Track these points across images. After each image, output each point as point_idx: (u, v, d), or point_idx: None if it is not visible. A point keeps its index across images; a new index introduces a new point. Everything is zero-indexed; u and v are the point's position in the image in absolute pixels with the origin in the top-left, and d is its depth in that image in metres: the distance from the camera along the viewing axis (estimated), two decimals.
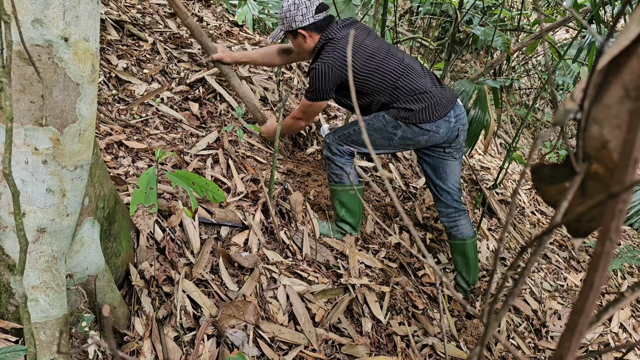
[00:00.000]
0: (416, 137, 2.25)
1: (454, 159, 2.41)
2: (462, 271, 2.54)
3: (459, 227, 2.49)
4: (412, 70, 2.24)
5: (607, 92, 0.38)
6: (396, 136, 2.26)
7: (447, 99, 2.25)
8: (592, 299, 0.35)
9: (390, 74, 2.21)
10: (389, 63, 2.22)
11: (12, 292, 1.29)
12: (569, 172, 0.43)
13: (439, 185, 2.45)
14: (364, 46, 2.22)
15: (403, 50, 2.39)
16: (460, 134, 2.34)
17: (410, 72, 2.24)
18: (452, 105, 2.26)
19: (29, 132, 1.12)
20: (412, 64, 2.27)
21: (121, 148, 2.17)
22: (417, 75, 2.25)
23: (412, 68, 2.25)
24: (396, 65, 2.22)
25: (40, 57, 1.07)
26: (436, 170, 2.43)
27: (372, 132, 2.30)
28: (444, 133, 2.26)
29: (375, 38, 2.32)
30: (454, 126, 2.28)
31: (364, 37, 2.26)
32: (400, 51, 2.32)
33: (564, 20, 3.23)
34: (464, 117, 2.34)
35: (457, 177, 2.46)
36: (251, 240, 2.08)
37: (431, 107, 2.21)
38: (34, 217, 1.20)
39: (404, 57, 2.29)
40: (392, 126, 2.25)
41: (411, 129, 2.23)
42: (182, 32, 3.19)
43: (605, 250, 0.33)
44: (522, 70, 6.43)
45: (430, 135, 2.24)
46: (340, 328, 1.95)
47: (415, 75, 2.24)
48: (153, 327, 1.57)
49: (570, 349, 0.36)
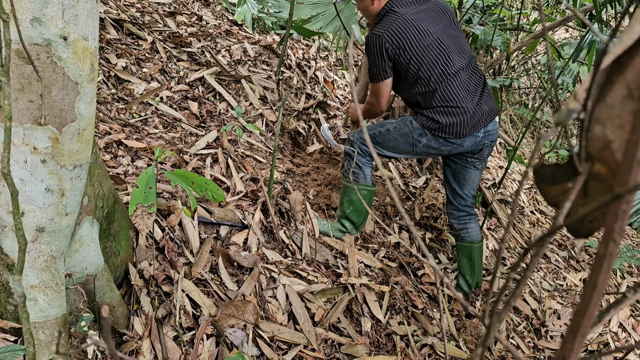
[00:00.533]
0: (440, 147, 2.22)
1: (475, 169, 2.36)
2: (466, 274, 2.53)
3: (468, 230, 2.48)
4: (458, 77, 2.11)
5: (610, 91, 0.38)
6: (420, 143, 2.23)
7: (480, 116, 2.15)
8: (595, 300, 0.34)
9: (434, 67, 2.08)
10: (439, 56, 2.08)
11: (11, 291, 1.28)
12: (571, 172, 0.42)
13: (455, 189, 2.43)
14: (424, 30, 2.07)
15: (472, 52, 2.21)
16: (485, 149, 2.28)
17: (455, 79, 2.11)
18: (485, 123, 2.17)
19: (28, 131, 1.12)
20: (462, 70, 2.13)
21: (120, 147, 2.17)
22: (460, 84, 2.12)
23: (459, 75, 2.12)
24: (445, 63, 2.09)
25: (39, 56, 1.06)
26: (455, 175, 2.40)
27: (397, 136, 2.27)
28: (468, 146, 2.21)
29: (446, 24, 2.15)
30: (480, 141, 2.22)
31: (431, 20, 2.10)
32: (463, 51, 2.17)
33: (564, 19, 3.22)
34: (494, 134, 2.25)
35: (474, 185, 2.43)
36: (250, 239, 2.07)
37: (461, 123, 2.12)
38: (32, 216, 1.19)
39: (462, 58, 2.14)
40: (418, 133, 2.21)
41: (436, 139, 2.18)
42: (181, 31, 3.18)
43: (608, 251, 0.33)
44: (521, 70, 6.43)
45: (453, 147, 2.21)
46: (339, 327, 1.95)
47: (457, 84, 2.11)
48: (152, 326, 1.56)
49: (573, 350, 0.36)
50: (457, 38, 2.17)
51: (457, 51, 2.14)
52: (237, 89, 3.00)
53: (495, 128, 2.25)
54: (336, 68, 4.11)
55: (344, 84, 3.93)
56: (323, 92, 3.58)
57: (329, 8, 3.08)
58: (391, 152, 2.34)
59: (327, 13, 3.09)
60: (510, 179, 4.27)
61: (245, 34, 3.61)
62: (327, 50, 4.26)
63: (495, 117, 2.23)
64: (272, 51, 3.59)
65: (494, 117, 2.21)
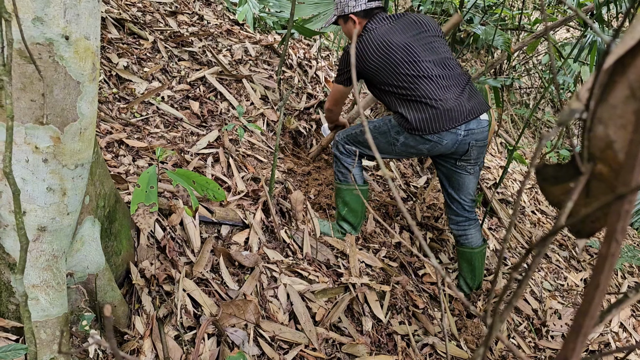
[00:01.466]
0: (417, 145, 2.19)
1: (467, 173, 2.32)
2: (467, 277, 2.52)
3: (467, 236, 2.45)
4: (427, 76, 2.12)
5: (612, 92, 0.38)
6: (398, 142, 2.22)
7: (459, 112, 2.12)
8: (597, 300, 0.34)
9: (399, 72, 2.12)
10: (404, 61, 2.12)
11: (13, 290, 1.28)
12: (574, 172, 0.42)
13: (451, 194, 2.40)
14: (388, 39, 2.15)
15: (448, 53, 2.25)
16: (471, 149, 2.22)
17: (423, 78, 2.12)
18: (465, 120, 2.12)
19: (30, 130, 1.12)
20: (434, 68, 2.14)
21: (122, 147, 2.17)
22: (430, 81, 2.12)
23: (430, 73, 2.13)
24: (411, 66, 2.12)
25: (41, 56, 1.06)
26: (449, 179, 2.37)
27: (377, 134, 2.27)
28: (448, 145, 2.16)
29: (417, 32, 2.20)
30: (462, 139, 2.16)
31: (399, 31, 2.16)
32: (435, 52, 2.19)
33: (565, 19, 3.22)
34: (480, 133, 2.19)
35: (471, 190, 2.38)
36: (252, 239, 2.08)
37: (432, 118, 2.10)
38: (34, 215, 1.19)
39: (433, 59, 2.16)
40: (395, 131, 2.21)
41: (413, 136, 2.16)
42: (183, 30, 3.18)
43: (610, 251, 0.33)
44: (522, 70, 6.43)
45: (432, 144, 2.16)
46: (340, 327, 1.95)
47: (427, 82, 2.12)
48: (153, 326, 1.57)
49: (575, 350, 0.36)
50: (429, 43, 2.20)
51: (427, 53, 2.16)
52: (238, 89, 3.00)
53: (480, 127, 2.18)
54: (337, 68, 4.11)
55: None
56: (324, 92, 3.58)
57: (330, 8, 3.09)
58: (372, 152, 2.33)
59: (328, 13, 3.09)
60: (511, 179, 4.27)
61: (246, 34, 3.61)
62: (328, 50, 4.26)
63: (480, 116, 2.17)
64: (274, 51, 3.59)
65: (477, 115, 2.15)
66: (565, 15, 4.24)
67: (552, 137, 0.58)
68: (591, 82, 0.38)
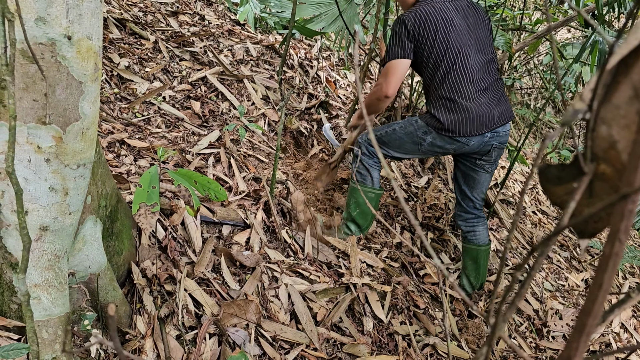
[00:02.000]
0: (445, 145, 2.19)
1: (485, 172, 2.34)
2: (470, 275, 2.52)
3: (475, 232, 2.46)
4: (469, 73, 2.09)
5: (616, 92, 0.38)
6: (425, 142, 2.21)
7: (489, 118, 2.11)
8: (600, 300, 0.34)
9: (445, 60, 2.07)
10: (457, 48, 2.07)
11: (15, 290, 1.29)
12: (577, 172, 0.42)
13: (464, 192, 2.41)
14: (448, 18, 2.08)
15: (494, 55, 2.20)
16: (493, 150, 2.24)
17: (466, 72, 2.09)
18: (494, 125, 2.13)
19: (32, 130, 1.12)
20: (476, 68, 2.11)
21: (123, 146, 2.17)
22: (471, 80, 2.10)
23: (472, 71, 2.09)
24: (460, 57, 2.08)
25: (43, 56, 1.06)
26: (466, 177, 2.38)
27: (403, 135, 2.26)
28: (474, 146, 2.18)
29: (473, 22, 2.15)
30: (487, 141, 2.18)
31: (458, 14, 2.11)
32: (483, 52, 2.15)
33: (566, 19, 3.22)
34: (503, 136, 2.22)
35: (484, 188, 2.41)
36: (253, 239, 2.08)
37: (463, 121, 2.10)
38: (36, 215, 1.20)
39: (480, 57, 2.13)
40: (423, 132, 2.20)
41: (441, 137, 2.16)
42: (184, 30, 3.19)
43: (614, 251, 0.33)
44: (523, 70, 6.42)
45: (459, 145, 2.18)
46: (341, 327, 1.95)
47: (468, 79, 2.09)
48: (155, 325, 1.57)
49: (578, 349, 0.36)
50: (481, 38, 2.16)
51: (477, 49, 2.13)
52: (239, 89, 3.01)
53: (505, 130, 2.22)
54: (338, 68, 4.11)
55: (346, 83, 3.93)
56: (325, 92, 3.59)
57: (332, 8, 3.09)
58: (397, 152, 2.33)
59: (329, 13, 3.10)
60: (512, 180, 4.27)
61: (247, 34, 3.61)
62: (329, 50, 4.26)
63: (508, 122, 2.20)
64: (275, 51, 3.59)
65: (506, 122, 2.18)
66: (567, 15, 4.24)
67: (554, 138, 0.58)
68: (594, 82, 0.38)
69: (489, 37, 2.22)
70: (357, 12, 3.13)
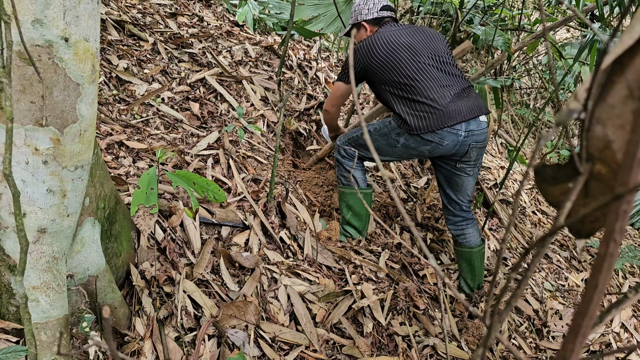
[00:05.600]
0: (419, 146, 2.19)
1: (467, 175, 2.33)
2: (467, 277, 2.52)
3: (465, 235, 2.45)
4: (427, 75, 2.15)
5: (611, 91, 0.38)
6: (399, 144, 2.22)
7: (458, 112, 2.13)
8: (595, 300, 0.34)
9: (402, 71, 2.15)
10: (407, 60, 2.16)
11: (13, 292, 1.28)
12: (572, 172, 0.42)
13: (449, 195, 2.41)
14: (394, 39, 2.20)
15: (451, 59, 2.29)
16: (471, 151, 2.23)
17: (424, 76, 2.14)
18: (464, 119, 2.13)
19: (30, 132, 1.12)
20: (435, 70, 2.17)
21: (122, 148, 2.17)
22: (430, 79, 2.15)
23: (430, 73, 2.15)
24: (411, 65, 2.15)
25: (40, 58, 1.06)
26: (448, 181, 2.38)
27: (378, 137, 2.27)
28: (449, 145, 2.17)
29: (422, 37, 2.25)
30: (463, 140, 2.17)
31: (405, 34, 2.22)
32: (436, 54, 2.23)
33: (565, 19, 3.22)
34: (480, 135, 2.21)
35: (469, 191, 2.40)
36: (252, 240, 2.07)
37: (429, 117, 2.12)
38: (34, 217, 1.19)
39: (434, 62, 2.20)
40: (396, 133, 2.21)
41: (413, 137, 2.17)
42: (183, 32, 3.19)
43: (609, 251, 0.33)
44: (522, 70, 6.43)
45: (433, 145, 2.17)
46: (341, 328, 1.95)
47: (427, 81, 2.14)
48: (154, 327, 1.57)
49: (574, 350, 0.36)
50: (433, 47, 2.25)
51: (430, 56, 2.21)
52: (238, 90, 3.01)
53: (480, 128, 2.20)
54: (337, 69, 4.11)
55: None
56: (324, 93, 3.58)
57: (330, 9, 3.09)
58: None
59: (328, 14, 3.10)
60: (512, 179, 4.27)
61: (246, 35, 3.61)
62: (328, 51, 4.26)
63: (479, 117, 2.18)
64: (273, 52, 3.59)
65: (475, 115, 2.16)
66: (565, 15, 4.24)
67: (550, 138, 0.58)
68: (589, 82, 0.38)
69: (444, 44, 2.31)
70: None
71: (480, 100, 2.24)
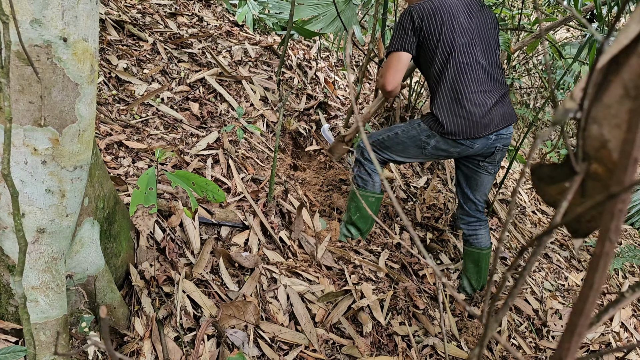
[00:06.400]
0: (449, 148, 2.17)
1: (488, 174, 2.32)
2: (472, 278, 2.51)
3: (477, 236, 2.45)
4: (474, 72, 2.06)
5: (607, 91, 0.38)
6: (429, 145, 2.19)
7: (492, 120, 2.09)
8: (592, 299, 0.34)
9: (452, 58, 2.05)
10: (462, 47, 2.05)
11: (12, 292, 1.28)
12: (569, 172, 0.42)
13: (466, 194, 2.40)
14: (455, 14, 2.05)
15: (498, 56, 2.17)
16: (497, 153, 2.22)
17: (471, 71, 2.06)
18: (497, 128, 2.11)
19: (28, 132, 1.12)
20: (481, 68, 2.08)
21: (121, 148, 2.17)
22: (475, 79, 2.07)
23: (477, 71, 2.07)
24: (466, 54, 2.05)
25: (39, 58, 1.06)
26: (468, 179, 2.37)
27: (405, 139, 2.24)
28: (479, 148, 2.16)
29: (481, 22, 2.13)
30: (492, 143, 2.16)
31: (466, 11, 2.09)
32: (488, 53, 2.13)
33: (564, 19, 3.22)
34: (507, 138, 2.20)
35: (486, 190, 2.39)
36: (251, 240, 2.08)
37: (467, 124, 2.07)
38: (33, 217, 1.19)
39: (485, 58, 2.10)
40: (426, 135, 2.17)
41: (445, 140, 2.14)
42: (182, 32, 3.19)
43: (605, 250, 0.33)
44: (522, 70, 6.42)
45: (463, 148, 2.16)
46: (340, 328, 1.95)
47: (472, 78, 2.06)
48: (153, 327, 1.57)
49: (570, 350, 0.36)
50: (487, 38, 2.13)
51: (482, 50, 2.10)
52: (237, 90, 3.01)
53: (508, 132, 2.20)
54: (337, 69, 4.11)
55: (345, 84, 3.93)
56: (324, 93, 3.58)
57: (330, 9, 3.09)
58: (400, 157, 2.31)
59: (327, 14, 3.10)
60: (512, 179, 4.27)
61: (246, 35, 3.61)
62: (327, 51, 4.26)
63: (511, 124, 2.18)
64: (273, 52, 3.59)
65: (507, 124, 2.16)
66: (565, 15, 4.24)
67: (547, 137, 0.58)
68: (585, 81, 0.38)
69: (495, 38, 2.19)
70: (356, 12, 3.13)
71: (512, 107, 2.21)
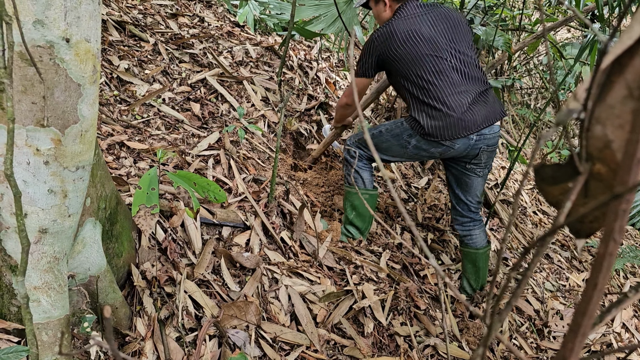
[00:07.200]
0: (430, 148, 2.18)
1: (476, 176, 2.32)
2: (470, 278, 2.52)
3: (472, 236, 2.45)
4: (445, 78, 2.07)
5: (610, 91, 0.38)
6: (410, 145, 2.20)
7: (474, 122, 2.09)
8: (595, 300, 0.34)
9: (421, 66, 2.07)
10: (428, 55, 2.07)
11: (14, 292, 1.29)
12: (572, 172, 0.42)
13: (458, 196, 2.40)
14: (417, 28, 2.09)
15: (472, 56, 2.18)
16: (482, 154, 2.21)
17: (443, 78, 2.07)
18: (479, 128, 2.10)
19: (31, 132, 1.12)
20: (455, 71, 2.09)
21: (123, 149, 2.18)
22: (449, 83, 2.08)
23: (450, 76, 2.08)
24: (431, 63, 2.07)
25: (41, 58, 1.07)
26: (458, 181, 2.37)
27: (389, 137, 2.26)
28: (460, 149, 2.16)
29: (446, 28, 2.14)
30: (474, 144, 2.15)
31: (428, 23, 2.12)
32: (460, 53, 2.13)
33: (565, 19, 3.22)
34: (491, 138, 2.18)
35: (478, 192, 2.39)
36: (253, 240, 2.08)
37: (445, 126, 2.07)
38: (35, 217, 1.20)
39: (456, 60, 2.11)
40: (408, 134, 2.19)
41: (425, 139, 2.14)
42: (183, 32, 3.19)
43: (608, 251, 0.33)
44: (523, 70, 6.42)
45: (444, 148, 2.16)
46: (342, 329, 1.95)
47: (446, 83, 2.07)
48: (155, 327, 1.57)
49: (574, 350, 0.36)
50: (458, 41, 2.15)
51: (452, 53, 2.11)
52: (239, 90, 3.01)
53: (492, 132, 2.18)
54: (338, 69, 4.12)
55: (346, 84, 3.93)
56: (325, 93, 3.59)
57: (331, 9, 3.09)
58: (385, 155, 2.33)
59: (328, 14, 3.10)
60: (513, 179, 4.26)
61: (247, 36, 3.61)
62: (329, 52, 4.26)
63: (494, 123, 2.15)
64: (274, 52, 3.59)
65: (491, 122, 2.14)
66: (566, 15, 4.24)
67: (549, 138, 0.58)
68: (588, 82, 0.38)
69: (467, 37, 2.20)
70: (356, 13, 3.13)
71: (496, 104, 2.19)
